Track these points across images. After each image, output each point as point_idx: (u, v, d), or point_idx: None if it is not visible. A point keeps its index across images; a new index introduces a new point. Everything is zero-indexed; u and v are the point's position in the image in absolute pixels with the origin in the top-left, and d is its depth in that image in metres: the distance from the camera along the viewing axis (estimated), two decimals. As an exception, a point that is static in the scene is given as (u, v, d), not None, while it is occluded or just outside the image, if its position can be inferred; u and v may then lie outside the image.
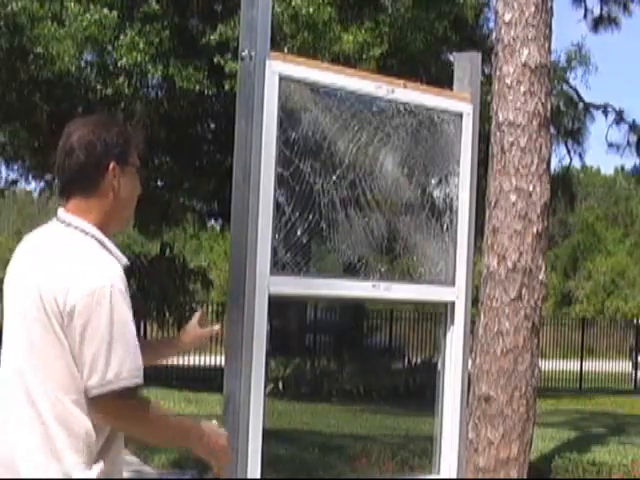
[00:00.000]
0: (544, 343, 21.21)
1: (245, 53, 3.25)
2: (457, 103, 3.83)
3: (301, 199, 3.34)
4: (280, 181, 3.27)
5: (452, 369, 3.80)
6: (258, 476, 3.24)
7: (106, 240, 2.69)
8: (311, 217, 3.36)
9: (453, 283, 3.79)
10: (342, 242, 3.48)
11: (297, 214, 3.32)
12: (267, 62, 3.25)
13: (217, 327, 3.25)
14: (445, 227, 3.77)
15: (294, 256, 3.31)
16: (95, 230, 2.67)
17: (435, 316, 23.99)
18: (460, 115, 3.82)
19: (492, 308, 7.48)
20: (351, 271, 3.54)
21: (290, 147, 3.29)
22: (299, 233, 3.32)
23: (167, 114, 18.62)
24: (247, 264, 3.20)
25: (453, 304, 3.80)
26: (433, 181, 3.81)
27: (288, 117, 3.30)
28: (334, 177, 3.43)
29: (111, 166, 2.68)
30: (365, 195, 3.52)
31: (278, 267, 3.26)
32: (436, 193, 3.79)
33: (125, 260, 2.72)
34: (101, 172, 2.68)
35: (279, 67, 3.28)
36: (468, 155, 3.84)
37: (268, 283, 3.23)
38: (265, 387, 3.27)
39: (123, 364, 2.55)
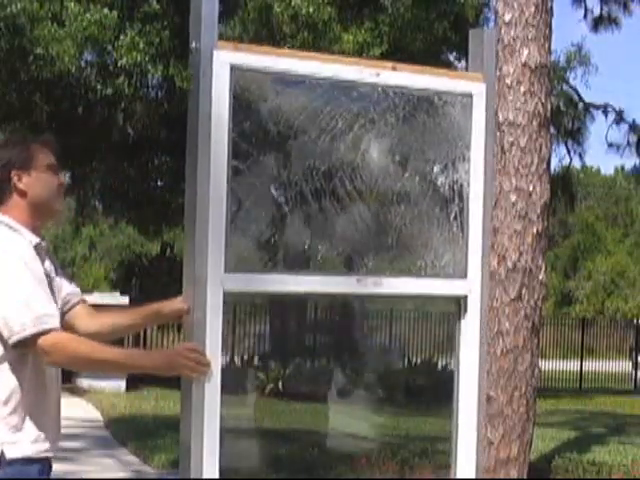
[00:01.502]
0: (544, 343, 21.20)
1: (193, 45, 3.14)
2: (466, 83, 3.54)
3: (260, 193, 3.19)
4: (237, 174, 3.12)
5: (466, 369, 3.56)
6: (217, 476, 3.12)
7: (17, 225, 3.18)
8: (274, 211, 3.20)
9: (465, 275, 3.50)
10: (317, 236, 3.30)
11: (258, 209, 3.18)
12: (215, 52, 3.11)
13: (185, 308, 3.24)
14: (453, 216, 3.48)
15: (254, 252, 3.19)
16: (6, 218, 3.19)
17: (435, 316, 23.99)
18: (470, 96, 3.51)
19: (492, 308, 7.46)
20: (331, 266, 3.35)
21: (248, 139, 3.14)
22: (261, 228, 3.19)
23: (167, 114, 18.62)
24: (199, 262, 3.09)
25: (465, 298, 3.51)
26: (436, 168, 3.50)
27: (245, 108, 3.15)
28: (302, 168, 3.23)
29: (13, 174, 3.21)
30: (344, 186, 3.29)
31: (233, 264, 3.12)
32: (441, 180, 3.48)
33: (36, 240, 3.19)
34: (7, 182, 3.23)
35: (229, 57, 3.14)
36: (481, 137, 3.52)
37: (222, 280, 3.11)
38: (222, 386, 3.14)
39: (26, 316, 3.04)
